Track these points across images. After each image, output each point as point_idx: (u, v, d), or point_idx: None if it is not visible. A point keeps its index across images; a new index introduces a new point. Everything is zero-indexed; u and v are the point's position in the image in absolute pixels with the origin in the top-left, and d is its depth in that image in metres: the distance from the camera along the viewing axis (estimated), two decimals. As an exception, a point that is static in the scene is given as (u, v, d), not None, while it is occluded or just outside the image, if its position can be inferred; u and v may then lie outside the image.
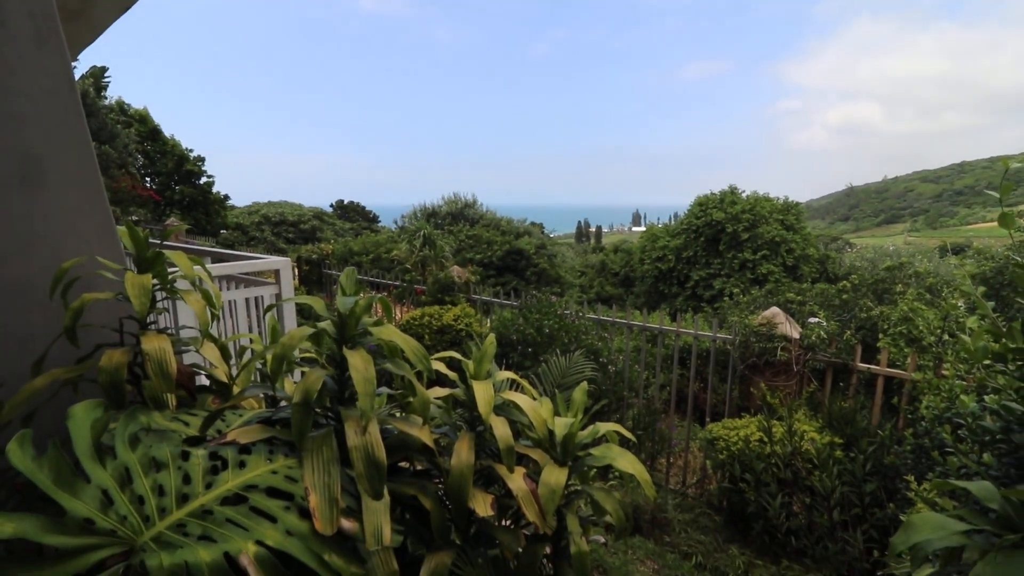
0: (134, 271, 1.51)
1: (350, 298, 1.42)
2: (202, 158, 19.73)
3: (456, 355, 1.78)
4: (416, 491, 1.44)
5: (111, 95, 16.82)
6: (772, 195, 17.05)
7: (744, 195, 16.89)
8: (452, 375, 1.76)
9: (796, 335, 4.29)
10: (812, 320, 4.58)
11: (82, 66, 14.90)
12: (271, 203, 24.44)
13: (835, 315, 5.46)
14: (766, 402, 3.79)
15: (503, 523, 1.75)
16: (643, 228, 24.82)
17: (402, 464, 1.67)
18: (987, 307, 1.49)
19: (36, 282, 1.53)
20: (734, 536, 3.64)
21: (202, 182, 19.66)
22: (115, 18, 3.29)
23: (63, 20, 1.63)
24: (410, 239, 8.08)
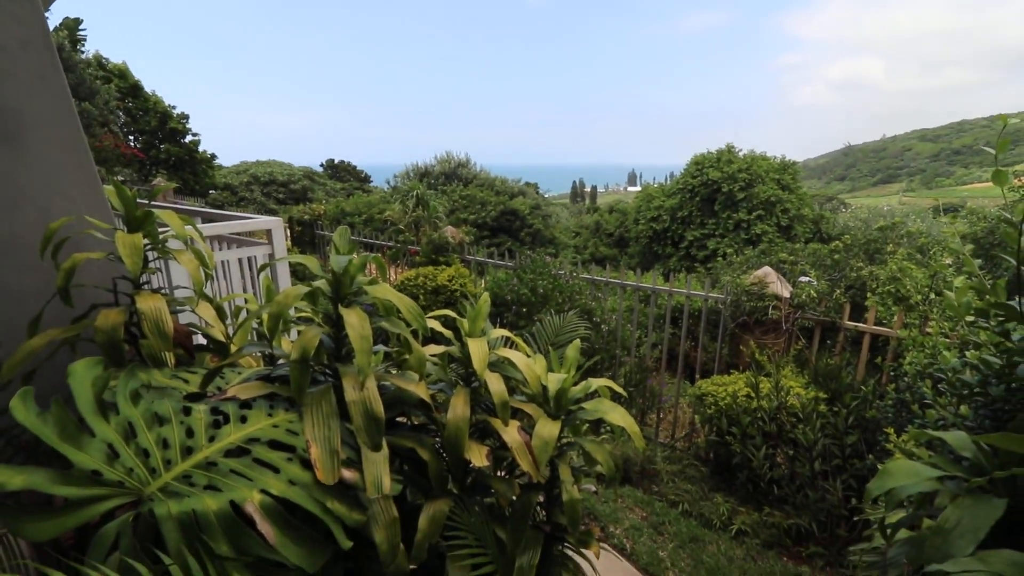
0: (124, 231, 1.49)
1: (344, 256, 1.41)
2: (186, 115, 19.10)
3: (451, 313, 1.80)
4: (414, 444, 1.49)
5: (88, 50, 16.11)
6: (770, 154, 16.89)
7: (741, 154, 16.69)
8: (447, 333, 1.78)
9: (787, 294, 4.35)
10: (803, 279, 4.63)
11: (54, 17, 14.20)
12: (259, 162, 23.84)
13: (826, 275, 5.51)
14: (755, 359, 3.87)
15: (498, 474, 1.81)
16: (639, 188, 24.56)
17: (399, 419, 1.71)
18: (973, 264, 1.51)
19: (24, 241, 1.51)
20: (719, 485, 3.80)
21: (187, 140, 19.10)
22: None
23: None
24: (403, 199, 7.96)
